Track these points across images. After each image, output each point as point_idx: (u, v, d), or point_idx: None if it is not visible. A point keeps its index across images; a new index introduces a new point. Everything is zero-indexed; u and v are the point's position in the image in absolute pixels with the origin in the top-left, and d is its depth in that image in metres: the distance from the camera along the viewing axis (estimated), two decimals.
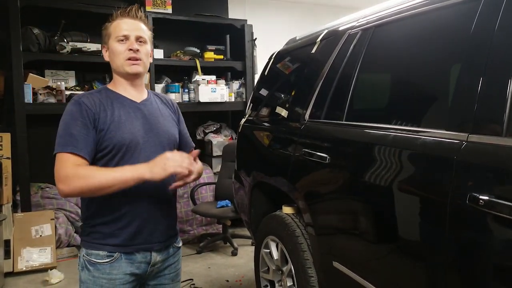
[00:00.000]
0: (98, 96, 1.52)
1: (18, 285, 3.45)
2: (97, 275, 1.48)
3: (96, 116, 1.46)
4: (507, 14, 1.24)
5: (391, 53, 1.83)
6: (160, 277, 1.62)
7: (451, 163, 1.25)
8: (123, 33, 1.50)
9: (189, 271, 3.64)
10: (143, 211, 1.51)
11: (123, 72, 1.53)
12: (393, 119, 1.64)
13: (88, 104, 1.47)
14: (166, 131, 1.59)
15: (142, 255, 1.53)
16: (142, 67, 1.54)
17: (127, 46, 1.50)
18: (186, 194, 4.42)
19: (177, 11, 4.61)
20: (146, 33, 1.55)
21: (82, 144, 1.42)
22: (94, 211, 1.51)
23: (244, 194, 2.78)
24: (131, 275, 1.51)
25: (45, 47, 4.02)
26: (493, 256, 1.17)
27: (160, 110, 1.62)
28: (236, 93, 4.91)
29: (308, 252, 2.06)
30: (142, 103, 1.57)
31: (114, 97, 1.54)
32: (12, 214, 3.68)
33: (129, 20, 1.53)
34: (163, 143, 1.55)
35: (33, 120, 4.01)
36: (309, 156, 2.00)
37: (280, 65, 2.76)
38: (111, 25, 1.54)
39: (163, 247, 1.59)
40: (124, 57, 1.50)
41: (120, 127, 1.48)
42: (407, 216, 1.45)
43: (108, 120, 1.47)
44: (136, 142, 1.49)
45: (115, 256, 1.49)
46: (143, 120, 1.54)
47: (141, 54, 1.52)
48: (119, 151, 1.47)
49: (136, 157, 1.48)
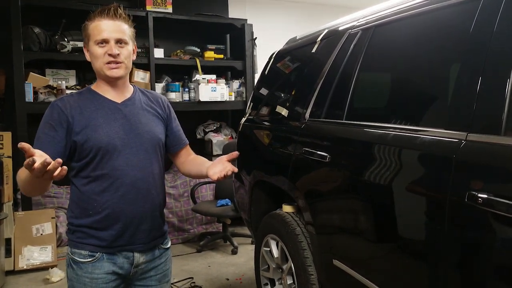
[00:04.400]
0: (77, 97, 1.51)
1: (19, 283, 3.46)
2: (80, 273, 1.49)
3: (70, 119, 1.45)
4: (506, 14, 1.24)
5: (391, 53, 1.84)
6: (146, 278, 1.60)
7: (450, 161, 1.26)
8: (102, 36, 1.44)
9: (189, 269, 3.65)
10: (125, 213, 1.49)
11: (103, 76, 1.50)
12: (393, 118, 1.65)
13: (62, 107, 1.47)
14: (148, 131, 1.55)
15: (124, 255, 1.52)
16: (123, 70, 1.50)
17: (106, 50, 1.45)
18: (186, 193, 4.43)
19: (178, 11, 4.61)
20: (127, 34, 1.49)
21: (46, 146, 1.41)
22: (78, 211, 1.51)
23: (244, 193, 2.79)
24: (114, 274, 1.51)
25: (46, 46, 4.02)
26: (492, 254, 1.18)
27: (144, 109, 1.58)
28: (236, 92, 4.92)
29: (308, 250, 2.07)
30: (123, 104, 1.54)
31: (94, 98, 1.52)
32: (13, 213, 3.69)
33: (109, 21, 1.46)
34: (144, 144, 1.53)
35: (34, 119, 3.99)
36: (310, 155, 2.01)
37: (280, 65, 2.77)
38: (90, 26, 1.48)
39: (147, 249, 1.57)
40: (104, 61, 1.46)
41: (96, 129, 1.46)
42: (407, 215, 1.47)
43: (84, 122, 1.46)
44: (114, 145, 1.47)
45: (97, 256, 1.49)
46: (123, 121, 1.51)
47: (122, 57, 1.47)
48: (97, 154, 1.46)
49: (114, 159, 1.47)
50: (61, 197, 4.12)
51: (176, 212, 4.38)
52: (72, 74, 4.36)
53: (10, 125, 3.98)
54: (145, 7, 4.41)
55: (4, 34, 3.92)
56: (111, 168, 1.47)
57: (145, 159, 1.52)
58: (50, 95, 4.02)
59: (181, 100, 4.58)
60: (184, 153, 1.73)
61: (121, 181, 1.47)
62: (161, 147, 1.61)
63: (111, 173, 1.47)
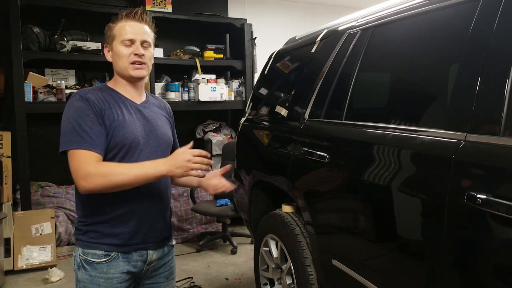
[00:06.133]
0: (101, 93, 1.52)
1: (18, 283, 3.46)
2: (94, 274, 1.48)
3: (103, 112, 1.46)
4: (505, 14, 1.25)
5: (390, 53, 1.84)
6: (155, 276, 1.62)
7: (449, 162, 1.26)
8: (128, 36, 1.49)
9: (189, 269, 3.65)
10: (141, 211, 1.51)
11: (126, 75, 1.53)
12: (392, 119, 1.65)
13: (95, 101, 1.47)
14: (164, 133, 1.60)
15: (139, 253, 1.53)
16: (146, 71, 1.54)
17: (132, 50, 1.49)
18: (186, 192, 4.43)
19: (177, 10, 4.62)
20: (150, 37, 1.55)
21: (96, 141, 1.42)
22: (91, 210, 1.50)
23: (244, 193, 2.79)
24: (128, 274, 1.52)
25: (45, 45, 4.02)
26: (491, 254, 1.18)
27: (158, 112, 1.64)
28: (235, 92, 4.92)
29: (308, 250, 2.07)
30: (142, 105, 1.58)
31: (116, 96, 1.54)
32: (12, 213, 3.69)
33: (135, 23, 1.52)
34: (161, 145, 1.57)
35: (33, 118, 4.02)
36: (309, 155, 2.01)
37: (280, 65, 2.77)
38: (116, 27, 1.52)
39: (159, 246, 1.59)
40: (129, 60, 1.50)
41: (124, 126, 1.48)
42: (406, 215, 1.47)
43: (113, 118, 1.47)
44: (137, 142, 1.49)
45: (112, 255, 1.49)
46: (144, 122, 1.55)
47: (146, 58, 1.52)
48: (121, 150, 1.47)
49: (136, 157, 1.49)
50: (60, 197, 4.11)
51: (176, 211, 4.38)
52: (71, 74, 4.36)
53: (10, 125, 3.98)
54: (145, 6, 4.42)
55: (3, 33, 3.92)
56: None
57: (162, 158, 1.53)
58: (50, 95, 4.02)
59: (180, 99, 4.58)
60: None
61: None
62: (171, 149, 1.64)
63: None
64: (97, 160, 1.41)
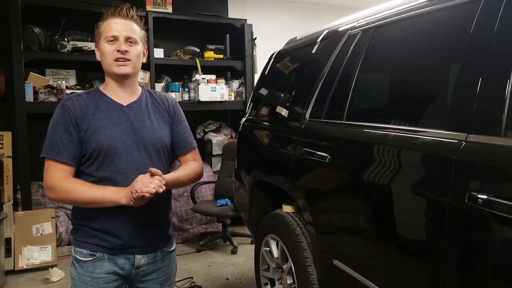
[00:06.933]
0: (85, 98, 1.52)
1: (19, 283, 3.46)
2: (81, 272, 1.50)
3: (79, 120, 1.47)
4: (506, 15, 1.25)
5: (391, 54, 1.84)
6: (148, 281, 1.60)
7: (450, 162, 1.26)
8: (112, 33, 1.48)
9: (189, 269, 3.65)
10: (124, 216, 1.49)
11: (111, 73, 1.52)
12: (393, 119, 1.65)
13: (71, 108, 1.48)
14: (152, 134, 1.55)
15: (125, 257, 1.52)
16: (131, 68, 1.51)
17: (115, 47, 1.48)
18: (186, 192, 4.43)
19: (177, 11, 4.62)
20: (137, 33, 1.53)
21: (63, 149, 1.44)
22: (78, 210, 1.54)
23: (244, 193, 2.79)
24: (114, 275, 1.51)
25: (46, 46, 4.03)
26: (492, 255, 1.18)
27: (150, 111, 1.59)
28: (236, 92, 4.92)
29: (308, 250, 2.07)
30: (128, 106, 1.55)
31: (101, 99, 1.53)
32: (13, 213, 3.70)
33: (120, 20, 1.50)
34: (147, 147, 1.53)
35: (34, 118, 4.02)
36: (310, 155, 2.01)
37: (280, 65, 2.77)
38: (102, 25, 1.52)
39: (147, 252, 1.56)
40: (112, 57, 1.49)
41: (99, 131, 1.47)
42: (407, 215, 1.47)
43: (89, 124, 1.47)
44: (115, 148, 1.47)
45: (98, 256, 1.49)
46: (127, 124, 1.52)
47: (130, 55, 1.49)
48: (98, 156, 1.47)
49: (116, 162, 1.48)
50: None
51: (176, 211, 4.38)
52: (72, 74, 4.36)
53: (10, 125, 3.98)
54: (145, 7, 4.42)
55: (4, 34, 3.92)
56: (113, 171, 1.48)
57: (148, 162, 1.51)
58: (50, 95, 4.02)
59: (181, 100, 4.59)
60: (190, 158, 1.69)
61: (122, 184, 1.46)
62: (166, 150, 1.60)
63: (112, 175, 1.47)
64: (62, 170, 1.44)
